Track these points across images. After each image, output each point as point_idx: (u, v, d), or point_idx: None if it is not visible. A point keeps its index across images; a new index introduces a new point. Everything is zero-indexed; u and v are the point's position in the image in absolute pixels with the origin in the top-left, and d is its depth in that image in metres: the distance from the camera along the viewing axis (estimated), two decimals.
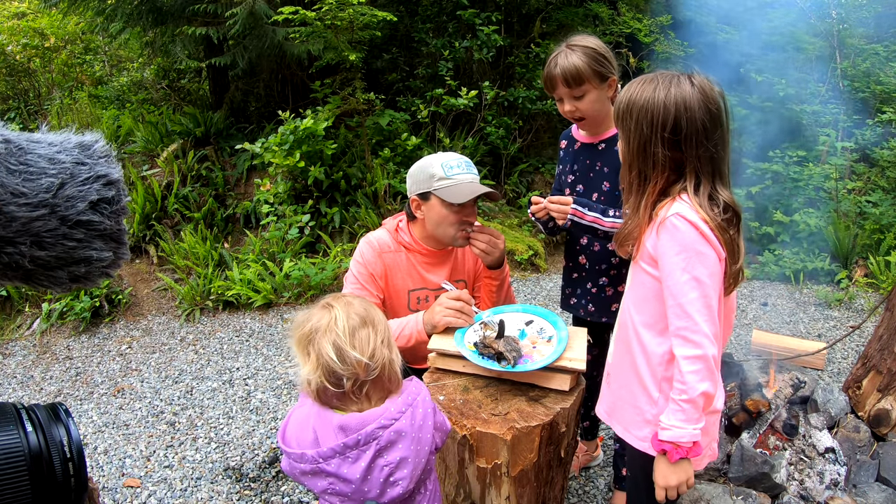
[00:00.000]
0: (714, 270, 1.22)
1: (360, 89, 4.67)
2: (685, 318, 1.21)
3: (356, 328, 1.16)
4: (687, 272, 1.21)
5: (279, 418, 2.92)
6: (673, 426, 1.22)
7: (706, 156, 1.24)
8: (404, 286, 1.91)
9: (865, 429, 2.30)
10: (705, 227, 1.21)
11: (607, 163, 1.85)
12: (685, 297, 1.21)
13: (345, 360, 1.12)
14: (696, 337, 1.20)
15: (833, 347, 3.49)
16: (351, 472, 1.12)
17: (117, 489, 2.45)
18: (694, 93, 1.22)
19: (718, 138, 1.24)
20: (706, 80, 1.25)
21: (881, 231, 4.73)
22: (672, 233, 1.22)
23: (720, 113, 1.23)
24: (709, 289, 1.21)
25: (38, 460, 0.72)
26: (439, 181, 1.76)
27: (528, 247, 4.91)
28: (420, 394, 1.22)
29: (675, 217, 1.22)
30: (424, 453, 1.17)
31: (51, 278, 0.72)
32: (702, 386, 1.19)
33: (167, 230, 4.72)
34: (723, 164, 1.27)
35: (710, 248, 1.21)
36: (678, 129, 1.22)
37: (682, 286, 1.21)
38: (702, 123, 1.21)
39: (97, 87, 6.48)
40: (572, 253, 1.99)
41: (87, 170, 0.72)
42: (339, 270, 4.31)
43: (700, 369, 1.20)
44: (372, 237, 1.91)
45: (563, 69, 1.68)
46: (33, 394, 3.28)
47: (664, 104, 1.22)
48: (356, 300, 1.23)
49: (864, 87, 5.97)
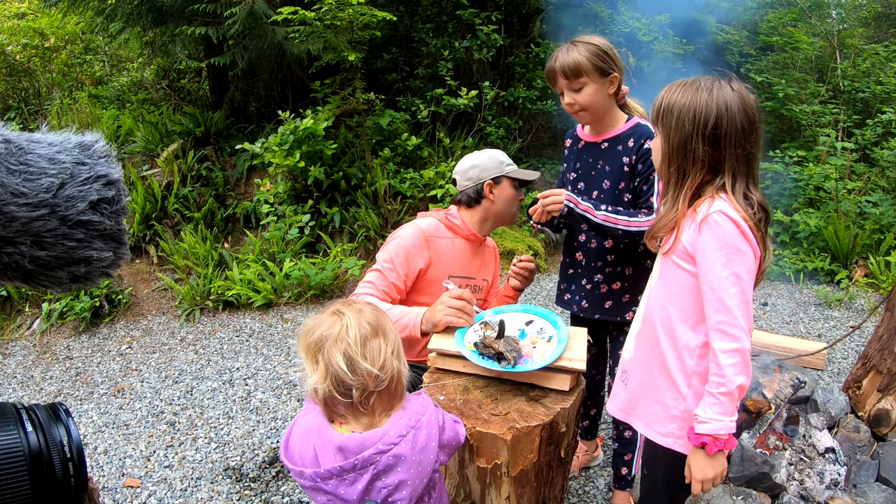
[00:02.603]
0: (751, 268, 1.26)
1: (360, 89, 4.67)
2: (725, 312, 1.24)
3: (367, 338, 1.13)
4: (727, 268, 1.24)
5: (279, 418, 2.92)
6: (711, 419, 1.25)
7: (742, 155, 1.29)
8: (447, 271, 1.96)
9: (865, 429, 2.30)
10: (745, 226, 1.25)
11: (609, 162, 1.86)
12: (725, 292, 1.24)
13: (355, 370, 1.10)
14: (735, 331, 1.23)
15: (833, 347, 3.49)
16: (348, 494, 1.11)
17: (117, 489, 2.45)
18: (734, 96, 1.29)
19: (754, 140, 1.30)
20: (744, 87, 1.32)
21: (881, 231, 4.73)
22: (714, 229, 1.26)
23: (756, 116, 1.30)
24: (747, 285, 1.25)
25: (38, 460, 0.72)
26: (508, 166, 1.99)
27: (528, 247, 4.91)
28: (425, 413, 1.18)
29: (719, 214, 1.26)
30: (426, 473, 1.15)
31: (51, 278, 0.72)
32: (739, 379, 1.23)
33: (167, 230, 4.72)
34: (755, 166, 1.33)
35: (748, 246, 1.26)
36: (719, 127, 1.28)
37: (723, 281, 1.24)
38: (741, 124, 1.28)
39: (97, 87, 6.48)
40: (570, 249, 2.02)
41: (87, 170, 0.72)
42: (338, 270, 4.31)
43: (738, 362, 1.23)
44: (421, 222, 1.97)
45: (562, 62, 1.75)
46: (33, 394, 3.28)
47: (706, 104, 1.28)
48: (367, 307, 1.20)
49: (864, 87, 5.97)
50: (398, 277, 1.85)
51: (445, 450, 1.21)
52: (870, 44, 6.58)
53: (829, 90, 6.05)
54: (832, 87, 6.10)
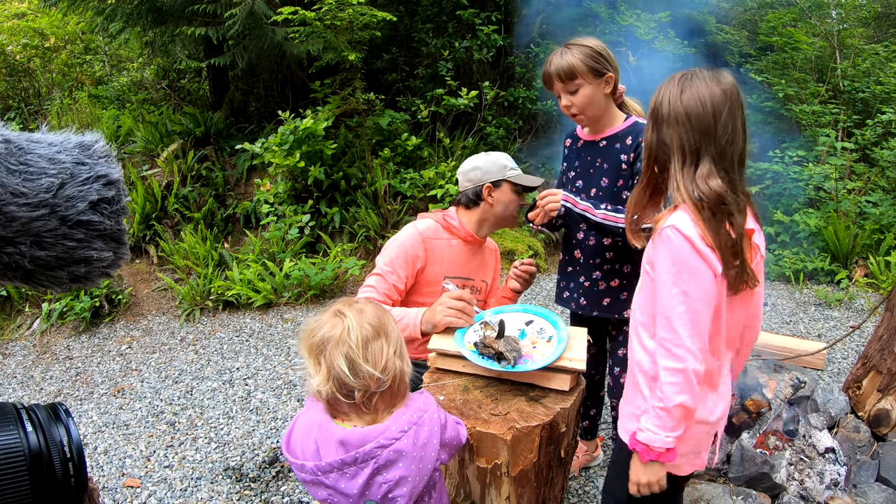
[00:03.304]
0: (705, 286, 1.21)
1: (360, 89, 4.67)
2: (670, 331, 1.23)
3: (369, 340, 1.13)
4: (676, 286, 1.21)
5: (279, 418, 2.92)
6: (648, 430, 1.27)
7: (690, 138, 1.24)
8: (443, 272, 1.97)
9: (865, 429, 2.30)
10: (701, 243, 1.19)
11: (607, 160, 1.87)
12: (672, 311, 1.22)
13: (357, 373, 1.10)
14: (679, 351, 1.21)
15: (833, 347, 3.49)
16: (349, 488, 1.12)
17: (117, 489, 2.45)
18: (689, 82, 1.26)
19: (704, 127, 1.23)
20: (720, 76, 1.26)
21: (881, 231, 4.73)
22: (666, 244, 1.22)
23: (714, 103, 1.23)
24: (698, 303, 1.21)
25: (38, 460, 0.72)
26: (511, 171, 1.98)
27: (528, 247, 4.91)
28: (428, 411, 1.19)
29: (671, 229, 1.22)
30: (427, 471, 1.15)
31: (51, 278, 0.72)
32: (678, 398, 1.22)
33: (167, 230, 4.72)
34: (727, 151, 1.24)
35: (703, 264, 1.20)
36: (660, 111, 1.27)
37: (671, 299, 1.22)
38: (686, 109, 1.24)
39: (97, 87, 6.48)
40: (568, 247, 2.03)
41: (87, 170, 0.72)
42: (338, 270, 4.31)
43: (678, 382, 1.22)
44: (419, 224, 1.99)
45: (556, 66, 1.78)
46: (33, 394, 3.28)
47: (657, 92, 1.30)
48: (368, 307, 1.19)
49: (864, 87, 5.97)
50: (398, 279, 1.87)
51: (446, 449, 1.21)
52: (870, 44, 6.58)
53: (829, 90, 6.05)
54: (832, 87, 6.10)
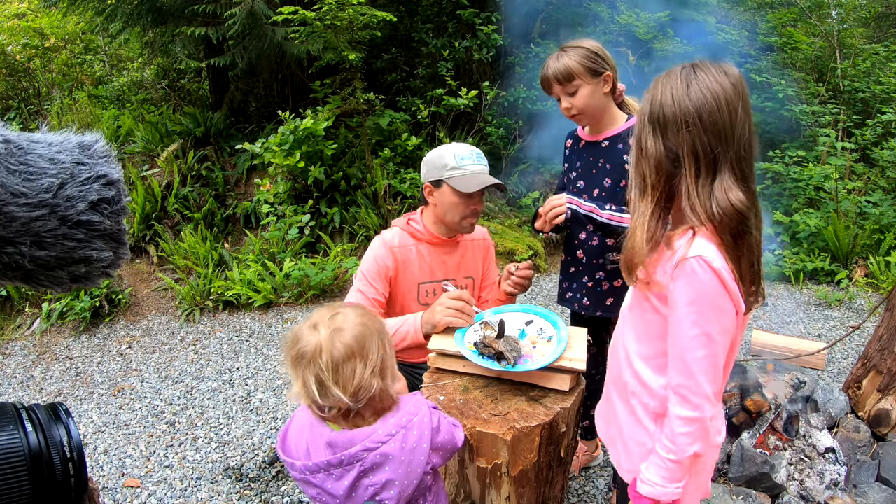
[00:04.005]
0: (729, 327, 1.09)
1: (360, 89, 4.67)
2: (688, 376, 1.10)
3: (341, 362, 1.09)
4: (698, 326, 1.07)
5: (279, 418, 2.92)
6: (654, 483, 1.15)
7: (702, 145, 1.07)
8: (414, 279, 1.95)
9: (865, 429, 2.30)
10: (729, 279, 1.06)
11: (610, 160, 1.87)
12: (691, 355, 1.08)
13: (327, 395, 1.09)
14: (696, 399, 1.10)
15: (833, 347, 3.49)
16: (335, 489, 1.12)
17: (117, 489, 2.45)
18: (693, 79, 1.09)
19: (718, 129, 1.06)
20: (721, 72, 1.09)
21: (881, 231, 4.73)
22: (690, 279, 1.06)
23: (723, 104, 1.07)
24: (719, 347, 1.08)
25: (38, 460, 0.72)
26: (451, 170, 1.84)
27: (528, 247, 4.91)
28: (418, 414, 1.17)
29: (698, 261, 1.05)
30: (416, 475, 1.14)
31: (51, 278, 0.72)
32: (692, 448, 1.12)
33: (167, 230, 4.71)
34: (740, 160, 1.08)
35: (729, 302, 1.07)
36: (664, 114, 1.09)
37: (690, 342, 1.08)
38: (695, 109, 1.07)
39: (97, 87, 6.48)
40: (571, 248, 2.03)
41: (87, 170, 0.72)
42: (338, 270, 4.31)
43: (693, 431, 1.11)
44: (385, 234, 1.97)
45: (553, 69, 1.78)
46: (33, 394, 3.28)
47: (653, 91, 1.12)
48: (349, 321, 1.13)
49: (864, 87, 5.97)
50: (376, 292, 1.87)
51: (439, 452, 1.20)
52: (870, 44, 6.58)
53: (829, 90, 6.05)
54: (832, 87, 6.10)
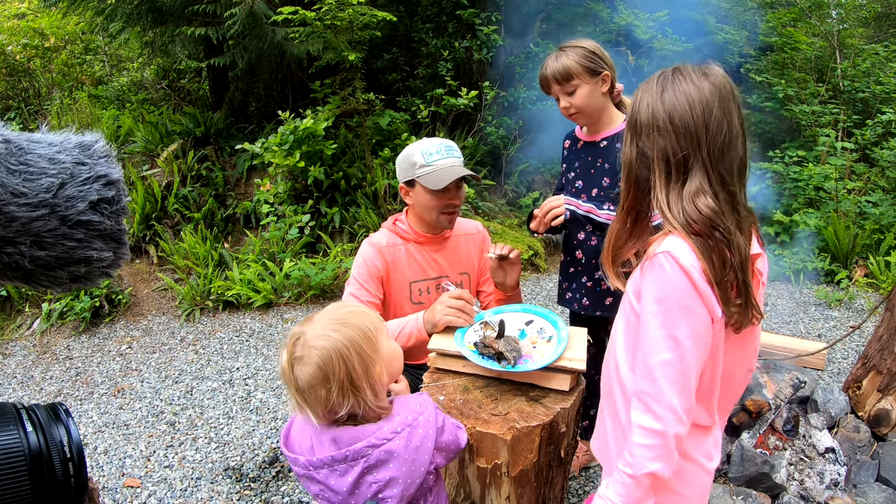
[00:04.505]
0: (700, 332, 0.99)
1: (360, 89, 4.67)
2: (651, 381, 1.00)
3: (308, 389, 1.10)
4: (664, 328, 0.99)
5: (279, 418, 2.92)
6: (609, 499, 1.04)
7: (669, 149, 1.04)
8: (405, 279, 1.94)
9: (865, 429, 2.30)
10: (700, 278, 0.97)
11: (608, 159, 1.89)
12: (655, 357, 1.00)
13: (304, 411, 1.13)
14: (658, 408, 0.99)
15: (833, 347, 3.49)
16: (338, 485, 1.13)
17: (117, 489, 2.45)
18: (672, 83, 1.07)
19: (687, 134, 1.03)
20: (708, 74, 1.08)
21: (881, 231, 4.73)
22: (658, 274, 1.00)
23: (703, 106, 1.03)
24: (688, 353, 0.98)
25: (38, 460, 0.72)
26: (420, 168, 1.81)
27: (528, 247, 4.91)
28: (424, 413, 1.17)
29: (665, 256, 0.99)
30: (419, 474, 1.14)
31: (51, 278, 0.72)
32: (651, 465, 0.99)
33: (167, 230, 4.72)
34: (725, 164, 1.03)
35: (700, 305, 0.98)
36: (638, 119, 1.08)
37: (655, 343, 1.00)
38: (666, 112, 1.05)
39: (97, 87, 6.48)
40: (570, 248, 2.03)
41: (87, 170, 0.72)
42: (338, 270, 4.31)
43: (654, 446, 1.00)
44: (372, 237, 1.96)
45: (552, 69, 1.80)
46: (33, 394, 3.28)
47: (635, 97, 1.10)
48: (309, 345, 1.10)
49: (864, 87, 5.97)
50: (370, 295, 1.86)
51: (443, 452, 1.20)
52: (870, 44, 6.58)
53: (829, 90, 6.05)
54: (832, 87, 6.10)
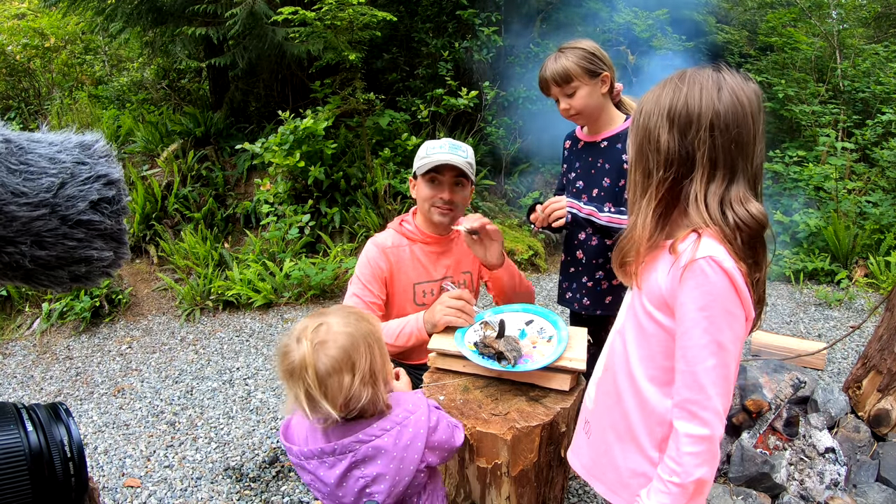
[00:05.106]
0: (740, 335, 1.02)
1: (360, 89, 4.67)
2: (697, 389, 1.01)
3: (327, 376, 1.08)
4: (708, 334, 1.00)
5: (279, 418, 2.92)
6: None
7: (721, 148, 1.03)
8: (409, 280, 1.94)
9: (865, 429, 2.30)
10: (740, 280, 1.00)
11: (609, 160, 1.88)
12: (701, 365, 1.01)
13: (317, 409, 1.10)
14: (706, 414, 1.01)
15: (833, 347, 3.49)
16: (327, 477, 1.15)
17: (117, 489, 2.45)
18: (712, 81, 1.06)
19: (739, 136, 1.03)
20: (738, 76, 1.08)
21: (881, 231, 4.73)
22: (700, 281, 1.00)
23: (744, 109, 1.04)
24: (730, 357, 1.01)
25: (38, 460, 0.72)
26: (422, 160, 1.85)
27: (528, 247, 4.91)
28: (416, 412, 1.18)
29: (707, 262, 0.99)
30: (408, 472, 1.15)
31: (51, 278, 0.72)
32: (699, 471, 1.01)
33: (167, 230, 4.72)
34: (750, 169, 1.05)
35: (740, 308, 1.01)
36: (683, 114, 1.06)
37: (700, 350, 1.01)
38: (720, 112, 1.04)
39: (97, 87, 6.48)
40: (570, 248, 2.03)
41: (87, 169, 0.72)
42: (339, 270, 4.31)
43: (702, 451, 1.01)
44: (377, 237, 1.96)
45: (551, 71, 1.79)
46: (33, 394, 3.28)
47: (672, 91, 1.09)
48: (332, 332, 1.11)
49: (864, 87, 5.97)
50: (373, 296, 1.87)
51: (435, 452, 1.20)
52: (870, 44, 6.58)
53: (829, 90, 6.05)
54: (832, 87, 6.10)
